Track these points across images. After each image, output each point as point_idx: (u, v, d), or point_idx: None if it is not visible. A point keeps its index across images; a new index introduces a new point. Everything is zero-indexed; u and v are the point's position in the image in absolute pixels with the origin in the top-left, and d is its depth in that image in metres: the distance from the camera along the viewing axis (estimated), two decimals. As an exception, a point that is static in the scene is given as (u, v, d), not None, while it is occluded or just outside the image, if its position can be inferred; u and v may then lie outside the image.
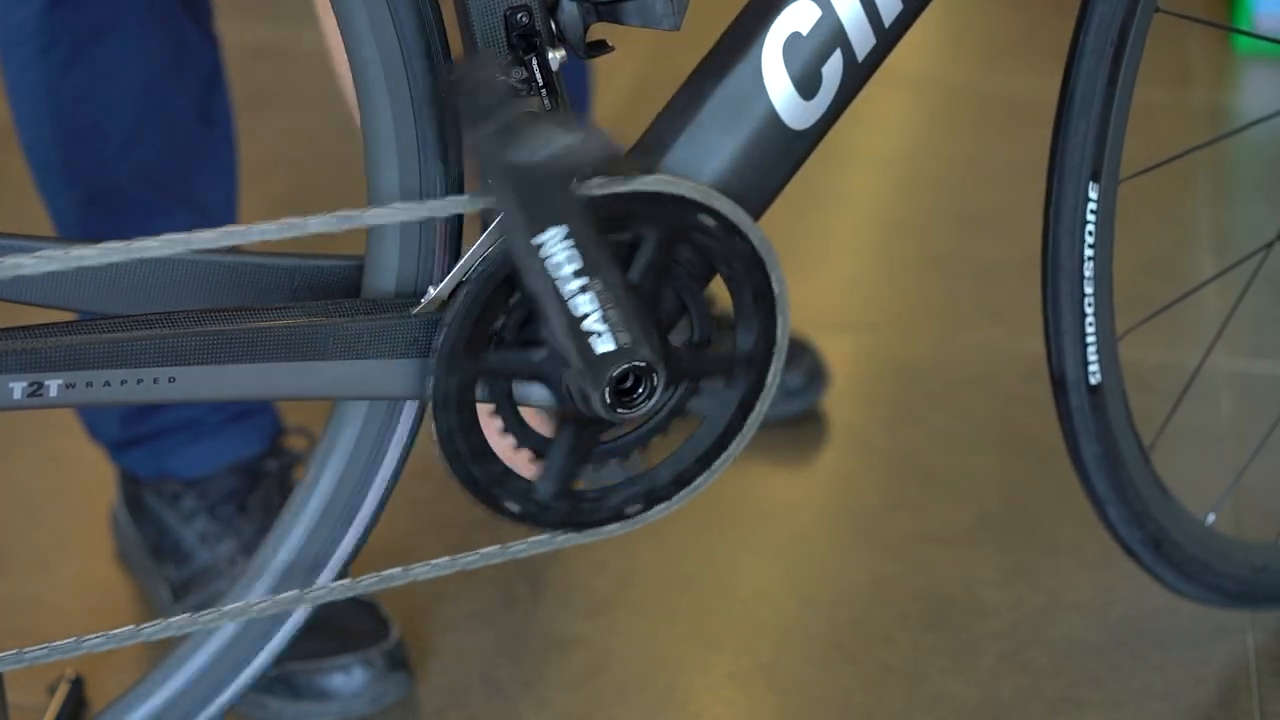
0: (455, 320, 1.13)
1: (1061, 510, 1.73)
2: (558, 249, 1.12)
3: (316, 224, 1.09)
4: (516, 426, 1.18)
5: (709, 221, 1.17)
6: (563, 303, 1.13)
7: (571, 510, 1.21)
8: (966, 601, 1.63)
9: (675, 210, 1.16)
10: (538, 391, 1.18)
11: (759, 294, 1.20)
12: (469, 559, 1.21)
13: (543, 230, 1.11)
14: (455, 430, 1.16)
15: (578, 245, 1.12)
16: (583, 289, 1.13)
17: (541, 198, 1.11)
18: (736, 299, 1.20)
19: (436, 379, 1.13)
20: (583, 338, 1.14)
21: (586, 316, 1.14)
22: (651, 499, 1.23)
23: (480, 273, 1.13)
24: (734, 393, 1.22)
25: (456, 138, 1.15)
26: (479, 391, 1.16)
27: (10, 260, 1.05)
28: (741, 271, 1.19)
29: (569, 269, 1.12)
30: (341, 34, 1.12)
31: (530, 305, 1.15)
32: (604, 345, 1.15)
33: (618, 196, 1.14)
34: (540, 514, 1.20)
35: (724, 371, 1.21)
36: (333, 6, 1.11)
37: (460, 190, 1.16)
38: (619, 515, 1.22)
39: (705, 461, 1.23)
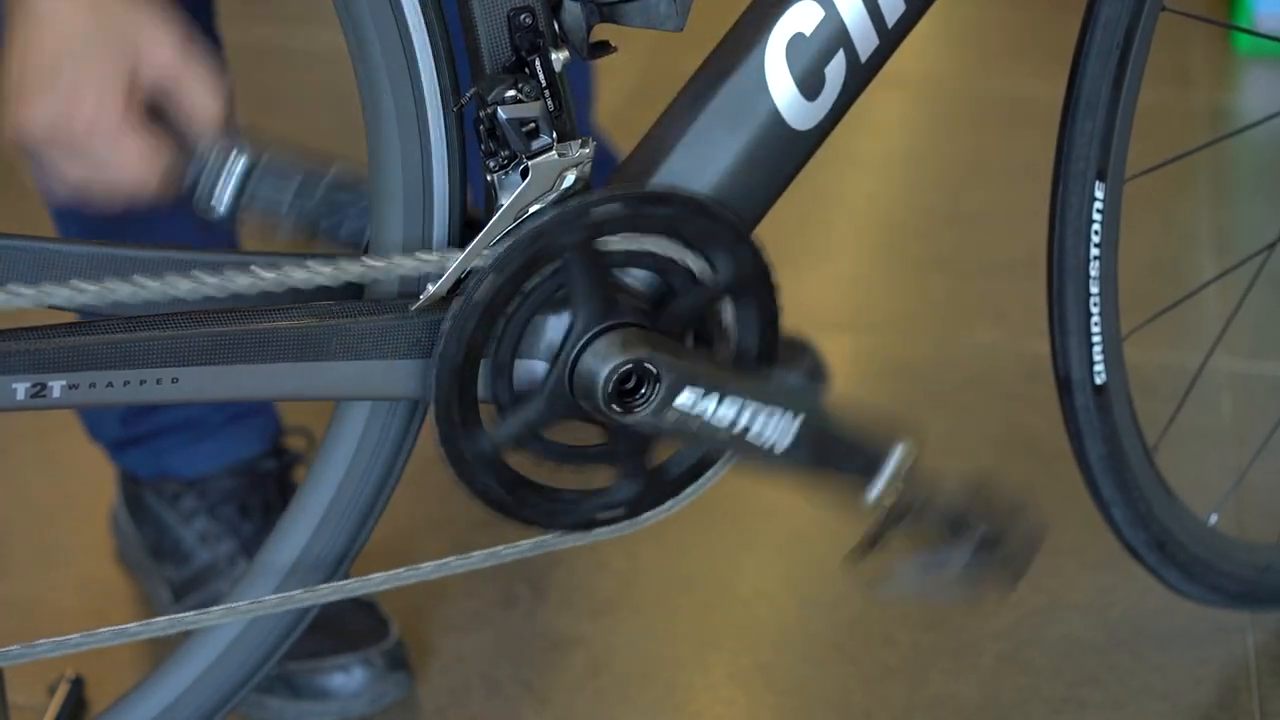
0: (456, 320, 1.13)
1: (1063, 511, 1.72)
2: (701, 406, 1.19)
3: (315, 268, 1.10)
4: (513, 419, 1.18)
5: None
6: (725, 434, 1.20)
7: (560, 510, 1.21)
8: (966, 601, 1.63)
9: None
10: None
11: (765, 320, 1.20)
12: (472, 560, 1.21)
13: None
14: (456, 429, 1.15)
15: (708, 390, 1.18)
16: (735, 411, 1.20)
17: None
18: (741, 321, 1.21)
19: (438, 377, 1.13)
20: (753, 447, 1.21)
21: (749, 426, 1.20)
22: (635, 507, 1.23)
23: (484, 273, 1.13)
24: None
25: (462, 180, 1.15)
26: (480, 389, 1.16)
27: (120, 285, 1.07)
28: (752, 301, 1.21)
29: (722, 413, 1.19)
30: (354, 69, 1.12)
31: (550, 283, 1.16)
32: (782, 441, 1.21)
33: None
34: (541, 513, 1.21)
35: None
36: (349, 48, 1.12)
37: (462, 232, 1.16)
38: (602, 520, 1.23)
39: (687, 479, 1.24)
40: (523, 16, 1.12)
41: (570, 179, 1.13)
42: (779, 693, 1.54)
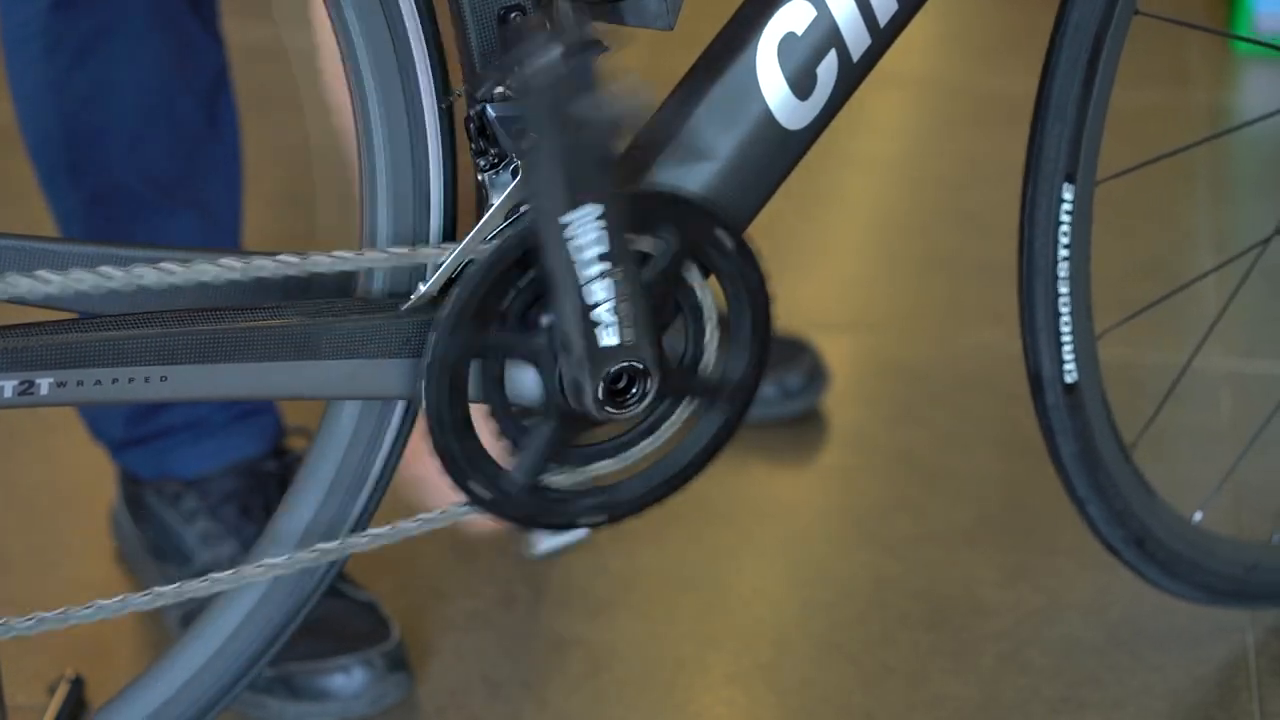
0: (447, 320, 1.13)
1: (1061, 510, 1.72)
2: (587, 228, 1.11)
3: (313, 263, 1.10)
4: (505, 420, 1.18)
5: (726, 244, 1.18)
6: (578, 285, 1.12)
7: (546, 509, 1.21)
8: (966, 601, 1.63)
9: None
10: (529, 386, 1.18)
11: (758, 319, 1.20)
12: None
13: (577, 205, 1.10)
14: (446, 428, 1.16)
15: (608, 228, 1.11)
16: (601, 275, 1.12)
17: (586, 167, 1.09)
18: (735, 327, 1.21)
19: (428, 376, 1.13)
20: (590, 325, 1.13)
21: (599, 305, 1.13)
22: (620, 511, 1.23)
23: (472, 274, 1.13)
24: (716, 417, 1.22)
25: (453, 177, 1.15)
26: (470, 390, 1.16)
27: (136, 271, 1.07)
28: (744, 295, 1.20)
29: (593, 251, 1.12)
30: (344, 67, 1.12)
31: (541, 283, 1.14)
32: (609, 338, 1.14)
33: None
34: (526, 510, 1.21)
35: (712, 393, 1.22)
36: (339, 45, 1.12)
37: (453, 232, 1.16)
38: (590, 522, 1.23)
39: (675, 483, 1.24)
40: (514, 15, 1.12)
41: (562, 177, 1.13)
42: (779, 693, 1.54)
